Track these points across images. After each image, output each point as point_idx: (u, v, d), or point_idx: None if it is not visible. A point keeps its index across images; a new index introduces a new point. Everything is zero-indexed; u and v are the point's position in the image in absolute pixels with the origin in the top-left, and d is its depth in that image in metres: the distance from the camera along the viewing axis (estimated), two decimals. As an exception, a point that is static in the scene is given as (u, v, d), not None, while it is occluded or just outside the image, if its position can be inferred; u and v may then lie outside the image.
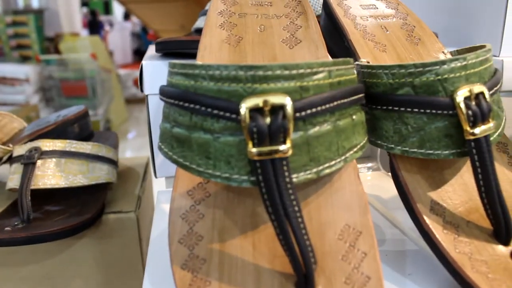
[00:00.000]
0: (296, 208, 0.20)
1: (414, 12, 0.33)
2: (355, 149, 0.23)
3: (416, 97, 0.24)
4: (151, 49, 0.43)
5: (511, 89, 0.37)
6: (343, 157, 0.22)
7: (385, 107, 0.25)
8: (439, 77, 0.23)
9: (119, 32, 2.69)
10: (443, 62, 0.23)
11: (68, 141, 0.44)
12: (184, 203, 0.24)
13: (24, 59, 1.85)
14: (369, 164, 0.44)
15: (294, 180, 0.21)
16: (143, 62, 0.37)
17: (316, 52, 0.27)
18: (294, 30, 0.28)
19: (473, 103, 0.23)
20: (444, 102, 0.23)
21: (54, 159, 0.43)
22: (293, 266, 0.21)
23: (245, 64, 0.20)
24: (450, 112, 0.23)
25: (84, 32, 2.43)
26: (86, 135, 0.50)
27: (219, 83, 0.20)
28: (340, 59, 0.22)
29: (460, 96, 0.23)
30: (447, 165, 0.27)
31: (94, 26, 2.46)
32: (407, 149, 0.25)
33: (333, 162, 0.22)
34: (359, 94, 0.23)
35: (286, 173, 0.20)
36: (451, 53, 0.31)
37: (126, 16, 3.02)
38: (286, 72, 0.20)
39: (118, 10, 2.67)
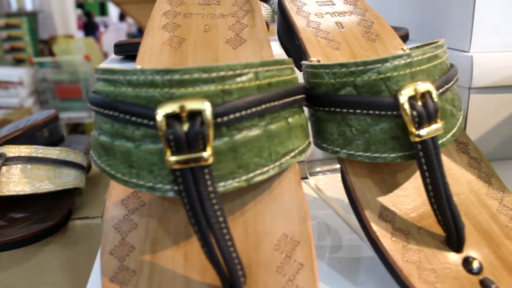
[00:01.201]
0: (221, 219, 0.19)
1: (373, 8, 0.32)
2: (292, 154, 0.22)
3: (358, 98, 0.22)
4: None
5: (481, 85, 0.36)
6: (277, 163, 0.21)
7: (327, 109, 0.23)
8: (382, 76, 0.22)
9: (115, 33, 2.68)
10: (385, 60, 0.22)
11: (34, 146, 0.43)
12: (118, 213, 0.23)
13: (18, 62, 1.86)
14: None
15: (221, 188, 0.20)
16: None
17: (260, 51, 0.26)
18: (239, 29, 0.27)
19: (419, 103, 0.22)
20: (387, 102, 0.22)
21: (19, 165, 0.42)
22: (220, 279, 0.20)
23: (162, 68, 0.19)
24: (395, 112, 0.22)
25: (80, 34, 2.43)
26: (55, 140, 0.49)
27: (136, 88, 0.19)
28: (271, 59, 0.20)
29: (404, 95, 0.22)
30: (401, 168, 0.26)
31: (89, 27, 2.46)
32: (352, 152, 0.23)
33: (265, 169, 0.21)
34: (295, 95, 0.22)
35: (209, 182, 0.19)
36: (411, 49, 0.30)
37: (122, 17, 3.01)
38: (205, 75, 0.19)
39: (113, 11, 2.67)
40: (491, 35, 0.36)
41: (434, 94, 0.22)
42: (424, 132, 0.22)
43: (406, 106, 0.22)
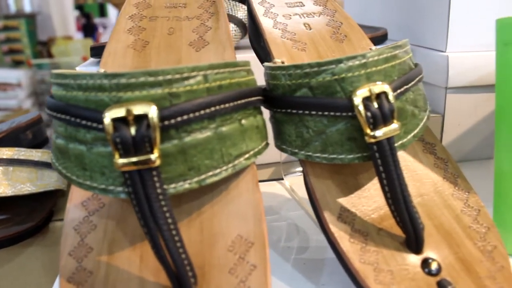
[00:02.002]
0: (170, 220, 0.19)
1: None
2: (246, 156, 0.22)
3: (313, 99, 0.23)
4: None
5: (458, 85, 0.36)
6: (230, 165, 0.22)
7: (284, 110, 0.24)
8: (336, 77, 0.22)
9: (114, 34, 2.69)
10: (339, 61, 0.22)
11: (16, 149, 0.44)
12: (78, 215, 0.24)
13: (16, 64, 1.88)
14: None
15: (172, 190, 0.20)
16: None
17: (223, 54, 0.26)
18: (203, 32, 0.28)
19: (374, 103, 0.22)
20: (342, 103, 0.22)
21: (1, 168, 0.43)
22: (170, 280, 0.20)
23: (110, 72, 0.19)
24: (350, 114, 0.22)
25: (79, 35, 2.45)
26: (39, 142, 0.50)
27: (86, 92, 0.20)
28: (221, 62, 0.21)
29: (358, 96, 0.22)
30: (364, 169, 0.26)
31: (88, 29, 2.48)
32: (310, 154, 0.24)
33: (217, 171, 0.21)
34: (248, 97, 0.22)
35: (158, 184, 0.19)
36: (380, 49, 0.30)
37: (121, 18, 3.01)
38: (151, 78, 0.19)
39: (113, 12, 2.68)
40: (466, 35, 0.36)
41: (390, 95, 0.22)
42: (379, 133, 0.22)
43: (361, 107, 0.22)
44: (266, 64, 0.25)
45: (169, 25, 0.29)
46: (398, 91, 0.23)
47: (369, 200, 0.25)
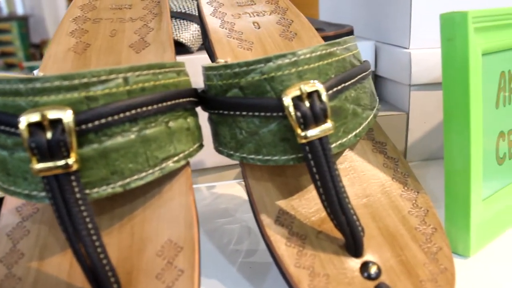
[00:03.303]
0: (90, 225, 0.20)
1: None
2: (175, 159, 0.22)
3: (244, 99, 0.23)
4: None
5: (421, 82, 0.36)
6: (157, 168, 0.22)
7: (218, 111, 0.24)
8: (265, 76, 0.22)
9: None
10: (268, 60, 0.22)
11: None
12: (12, 220, 0.24)
13: (9, 67, 1.90)
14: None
15: (95, 195, 0.20)
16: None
17: (162, 55, 0.26)
18: (145, 33, 0.28)
19: (306, 103, 0.22)
20: (272, 103, 0.22)
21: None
22: (91, 287, 0.20)
23: (25, 77, 0.19)
24: (281, 114, 0.22)
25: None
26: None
27: (4, 97, 0.20)
28: (144, 64, 0.21)
29: (288, 96, 0.22)
30: (306, 170, 0.26)
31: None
32: (245, 155, 0.24)
33: (143, 174, 0.21)
34: (175, 99, 0.22)
35: (76, 189, 0.19)
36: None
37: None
38: (66, 82, 0.19)
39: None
40: (429, 31, 0.36)
41: (324, 94, 0.22)
42: (311, 133, 0.22)
43: (291, 107, 0.22)
44: (202, 65, 0.25)
45: (112, 27, 0.29)
46: (335, 89, 0.23)
47: (311, 202, 0.25)
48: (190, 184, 0.23)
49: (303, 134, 0.21)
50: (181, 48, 0.40)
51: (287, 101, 0.22)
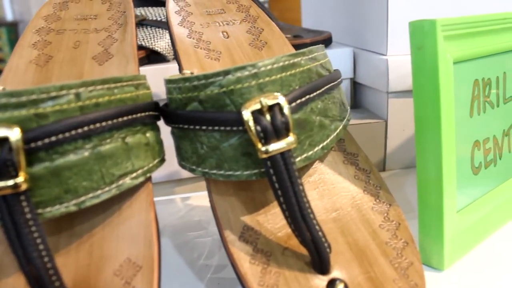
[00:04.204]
0: (41, 247, 0.19)
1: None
2: (133, 175, 0.22)
3: (203, 113, 0.22)
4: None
5: (399, 89, 0.35)
6: (113, 185, 0.21)
7: (179, 125, 0.23)
8: (224, 89, 0.22)
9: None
10: (226, 72, 0.21)
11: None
12: None
13: (-2, 73, 1.90)
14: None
15: (48, 214, 0.20)
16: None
17: (125, 67, 0.26)
18: (109, 44, 0.27)
19: (267, 116, 0.21)
20: (232, 117, 0.22)
21: None
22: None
23: None
24: (241, 128, 0.22)
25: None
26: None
27: None
28: (98, 78, 0.20)
29: (248, 110, 0.21)
30: (274, 184, 0.26)
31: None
32: (207, 170, 0.23)
33: (98, 192, 0.21)
34: (132, 114, 0.21)
35: (27, 209, 0.19)
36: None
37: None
38: (14, 99, 0.19)
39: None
40: (406, 38, 0.35)
41: (285, 107, 0.22)
42: (272, 147, 0.21)
43: (250, 121, 0.21)
44: (165, 77, 0.24)
45: (76, 38, 0.28)
46: (298, 101, 0.23)
47: (277, 217, 0.24)
48: (150, 201, 0.23)
49: (263, 148, 0.21)
50: (157, 56, 0.40)
51: (247, 115, 0.21)
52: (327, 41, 0.40)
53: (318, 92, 0.24)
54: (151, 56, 0.39)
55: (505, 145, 0.30)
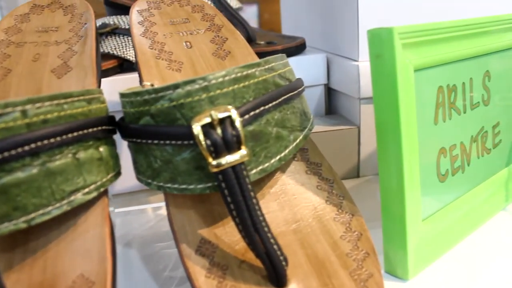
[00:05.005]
0: None
1: (229, 23, 0.32)
2: (85, 191, 0.22)
3: (154, 127, 0.22)
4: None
5: (369, 95, 0.35)
6: (64, 202, 0.21)
7: (133, 140, 0.23)
8: (175, 103, 0.22)
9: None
10: (176, 86, 0.21)
11: None
12: None
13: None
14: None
15: None
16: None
17: (84, 80, 0.26)
18: (68, 57, 0.27)
19: (218, 130, 0.22)
20: (182, 131, 0.22)
21: None
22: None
23: None
24: (192, 142, 0.22)
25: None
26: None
27: None
28: (46, 95, 0.20)
29: (198, 124, 0.21)
30: (234, 196, 0.26)
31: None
32: (162, 184, 0.23)
33: (49, 209, 0.21)
34: (84, 129, 0.22)
35: None
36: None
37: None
38: (-44, 118, 0.19)
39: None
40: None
41: (237, 120, 0.22)
42: (223, 161, 0.21)
43: (200, 135, 0.21)
44: (119, 91, 0.24)
45: (36, 50, 0.28)
46: (252, 113, 0.23)
47: (235, 229, 0.24)
48: (106, 215, 0.23)
49: (214, 162, 0.21)
50: (131, 65, 0.40)
51: (197, 129, 0.21)
52: (300, 47, 0.40)
53: (274, 103, 0.24)
54: (124, 65, 0.39)
55: (474, 151, 0.30)
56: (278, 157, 0.24)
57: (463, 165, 0.30)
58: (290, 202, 0.26)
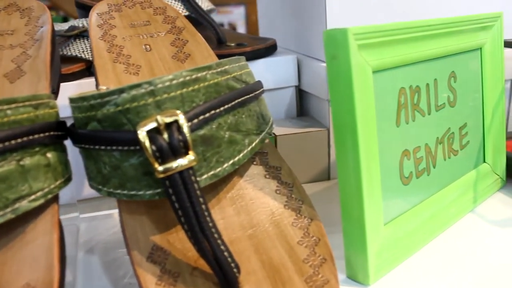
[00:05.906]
0: None
1: (191, 25, 0.32)
2: (31, 197, 0.22)
3: (101, 133, 0.22)
4: None
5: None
6: (8, 210, 0.21)
7: (82, 145, 0.23)
8: (120, 108, 0.22)
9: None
10: (121, 91, 0.21)
11: None
12: None
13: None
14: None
15: None
16: None
17: (37, 84, 0.26)
18: (22, 61, 0.27)
19: (165, 135, 0.21)
20: (128, 137, 0.21)
21: None
22: None
23: None
24: (138, 147, 0.22)
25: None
26: None
27: None
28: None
29: (143, 129, 0.21)
30: (189, 201, 0.26)
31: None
32: (111, 190, 0.23)
33: None
34: (28, 135, 0.22)
35: None
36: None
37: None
38: None
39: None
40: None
41: (184, 125, 0.22)
42: (169, 167, 0.21)
43: (146, 141, 0.21)
44: (69, 96, 0.24)
45: (-11, 55, 0.28)
46: (201, 117, 0.23)
47: (189, 235, 0.25)
48: (55, 222, 0.23)
49: (160, 168, 0.21)
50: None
51: (142, 134, 0.21)
52: (270, 49, 0.40)
53: (227, 106, 0.24)
54: (92, 68, 0.39)
55: (440, 153, 0.30)
56: (231, 162, 0.24)
57: (429, 167, 0.30)
58: (247, 207, 0.26)
